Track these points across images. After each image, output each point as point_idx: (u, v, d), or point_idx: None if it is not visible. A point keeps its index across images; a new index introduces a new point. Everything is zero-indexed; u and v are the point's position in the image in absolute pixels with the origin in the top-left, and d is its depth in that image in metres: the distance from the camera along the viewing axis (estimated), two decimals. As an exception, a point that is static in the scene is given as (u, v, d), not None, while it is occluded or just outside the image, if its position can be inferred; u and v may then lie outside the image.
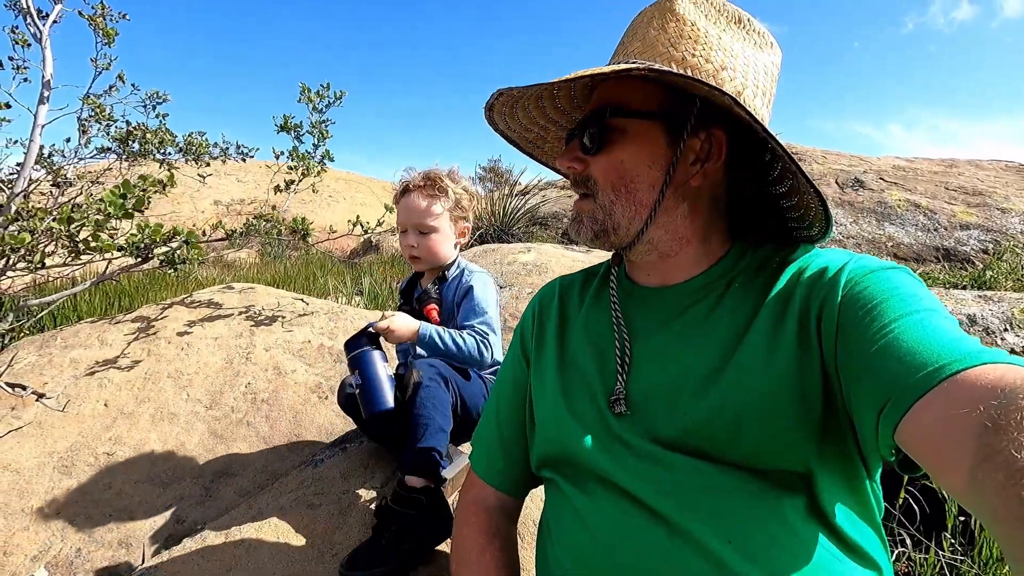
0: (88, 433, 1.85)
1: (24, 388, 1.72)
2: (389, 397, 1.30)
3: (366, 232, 2.70)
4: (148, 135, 3.05)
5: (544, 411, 0.81)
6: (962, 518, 1.54)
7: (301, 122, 3.21)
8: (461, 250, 1.69)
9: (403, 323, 1.41)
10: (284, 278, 4.06)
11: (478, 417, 1.43)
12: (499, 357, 1.54)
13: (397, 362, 1.69)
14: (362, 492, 1.44)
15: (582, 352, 0.80)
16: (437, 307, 1.52)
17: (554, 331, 0.85)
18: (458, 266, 1.59)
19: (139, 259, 2.54)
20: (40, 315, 2.79)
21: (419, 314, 1.52)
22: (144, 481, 1.69)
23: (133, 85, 3.04)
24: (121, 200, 2.16)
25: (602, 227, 0.74)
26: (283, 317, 2.63)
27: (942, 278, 2.95)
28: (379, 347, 1.40)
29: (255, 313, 2.66)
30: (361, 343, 1.39)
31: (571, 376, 0.79)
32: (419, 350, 1.44)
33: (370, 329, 1.40)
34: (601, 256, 3.73)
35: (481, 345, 1.42)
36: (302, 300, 2.86)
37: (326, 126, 3.29)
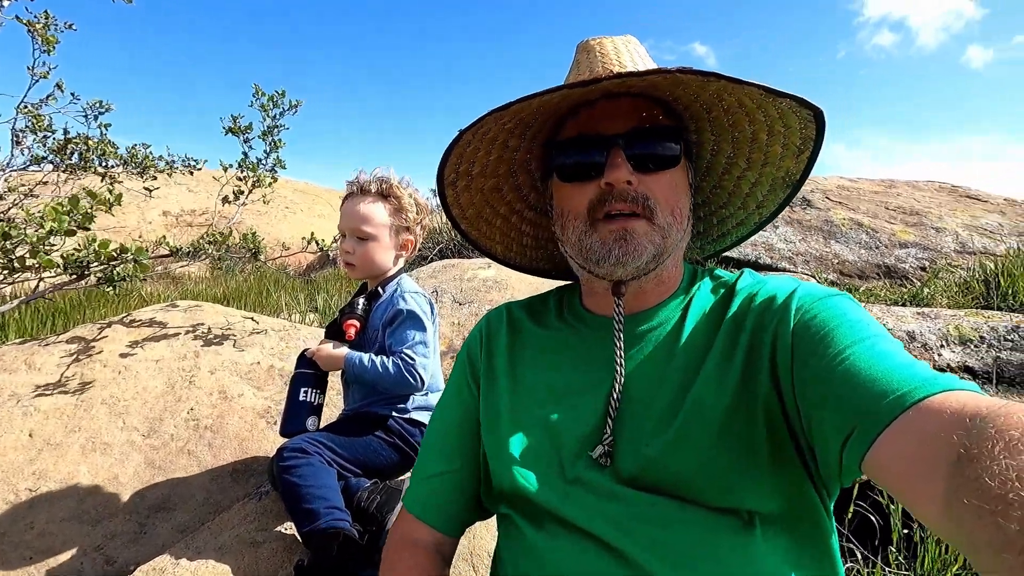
0: (8, 467, 1.71)
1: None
2: (300, 421, 1.38)
3: (321, 250, 2.62)
4: (89, 144, 2.89)
5: (496, 449, 0.77)
6: (906, 531, 1.59)
7: (251, 123, 3.09)
8: (408, 265, 1.64)
9: (329, 352, 1.43)
10: (235, 294, 3.91)
11: (385, 464, 1.42)
12: (437, 381, 1.52)
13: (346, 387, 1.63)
14: (309, 526, 1.37)
15: (539, 389, 0.76)
16: (358, 324, 1.47)
17: (504, 363, 0.81)
18: (396, 283, 1.52)
19: (74, 276, 2.39)
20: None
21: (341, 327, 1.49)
22: (71, 519, 1.57)
23: (73, 94, 2.89)
24: (66, 216, 2.03)
25: (659, 250, 0.69)
26: (231, 337, 2.52)
27: (884, 295, 3.08)
28: (314, 370, 1.43)
29: (201, 333, 2.54)
30: (298, 365, 1.47)
31: (525, 415, 0.75)
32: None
33: (305, 354, 1.45)
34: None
35: (407, 372, 1.38)
36: (252, 319, 2.75)
37: (279, 132, 3.16)
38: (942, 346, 2.26)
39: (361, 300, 1.51)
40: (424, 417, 1.48)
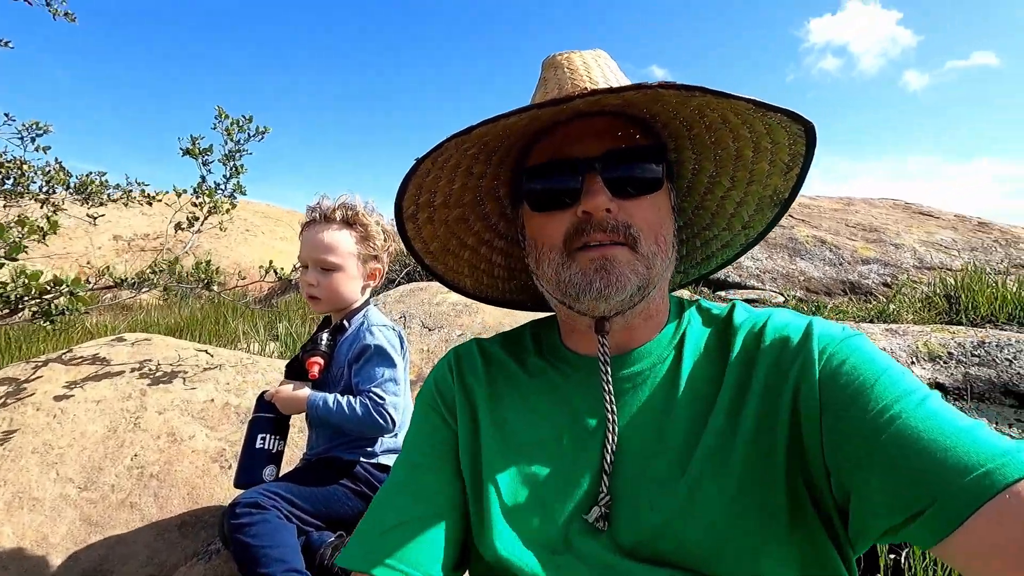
0: (-82, 532, 1.51)
1: None
2: (256, 471, 1.27)
3: (280, 278, 2.49)
4: (25, 167, 2.69)
5: (476, 511, 0.67)
6: (892, 556, 1.55)
7: (211, 145, 2.92)
8: (374, 294, 1.55)
9: (290, 395, 1.32)
10: (190, 323, 3.70)
11: (350, 515, 1.31)
12: (408, 421, 1.42)
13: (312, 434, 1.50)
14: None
15: (523, 440, 0.67)
16: (322, 361, 1.36)
17: (485, 405, 0.71)
18: (363, 316, 1.42)
19: (6, 311, 2.19)
20: None
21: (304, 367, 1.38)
22: (-10, 590, 1.39)
23: (7, 114, 2.69)
24: None
25: (643, 281, 0.63)
26: (183, 372, 2.35)
27: (851, 311, 3.12)
28: (273, 413, 1.34)
29: (150, 369, 2.36)
30: (257, 408, 1.36)
31: (510, 471, 0.66)
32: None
33: (264, 396, 1.35)
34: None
35: (376, 412, 1.27)
36: (206, 352, 2.58)
37: (241, 157, 3.00)
38: (912, 363, 2.27)
39: (325, 335, 1.40)
40: (394, 461, 1.37)
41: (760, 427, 0.57)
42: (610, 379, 0.64)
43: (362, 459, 1.33)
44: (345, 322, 1.41)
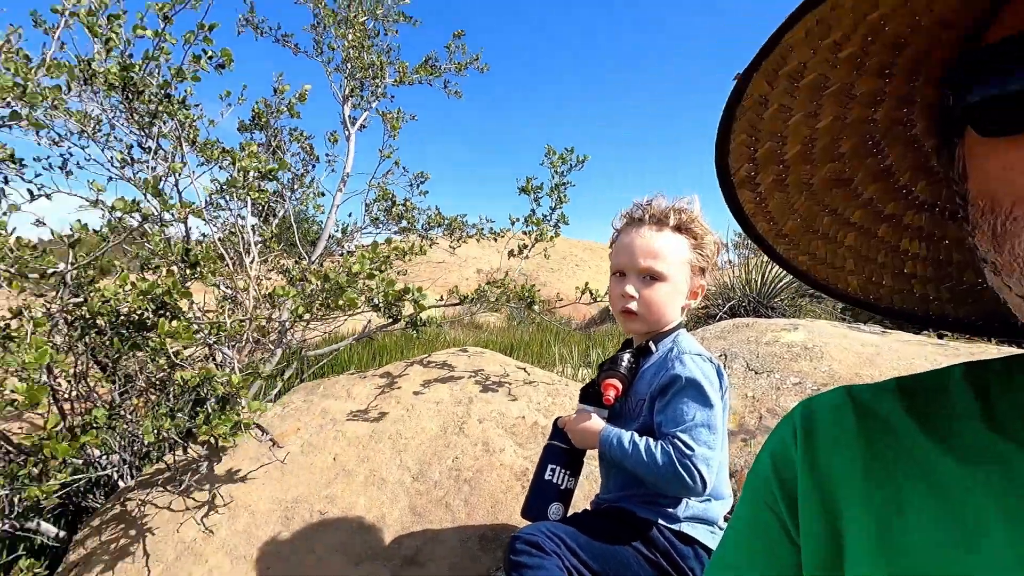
0: (313, 486, 1.92)
1: (266, 433, 1.87)
2: (542, 506, 1.15)
3: (595, 300, 2.46)
4: (407, 204, 3.41)
5: None
6: None
7: (542, 184, 3.32)
8: (687, 317, 1.27)
9: (583, 425, 1.15)
10: (518, 343, 4.09)
11: None
12: (722, 484, 1.07)
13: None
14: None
15: None
16: (620, 386, 1.13)
17: (863, 512, 0.38)
18: (672, 340, 1.17)
19: (390, 320, 2.76)
20: (321, 363, 3.25)
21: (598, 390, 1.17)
22: (340, 551, 1.63)
23: (404, 168, 3.49)
24: (368, 260, 2.37)
25: None
26: (504, 386, 2.51)
27: None
28: (567, 444, 1.20)
29: (480, 379, 2.60)
30: (551, 435, 1.24)
31: None
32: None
33: (558, 423, 1.21)
34: (911, 339, 2.77)
35: (681, 466, 0.97)
36: (524, 370, 2.72)
37: (565, 189, 3.33)
38: None
39: (627, 355, 1.19)
40: (701, 533, 1.05)
41: None
42: None
43: (660, 520, 1.06)
44: (652, 344, 1.18)
